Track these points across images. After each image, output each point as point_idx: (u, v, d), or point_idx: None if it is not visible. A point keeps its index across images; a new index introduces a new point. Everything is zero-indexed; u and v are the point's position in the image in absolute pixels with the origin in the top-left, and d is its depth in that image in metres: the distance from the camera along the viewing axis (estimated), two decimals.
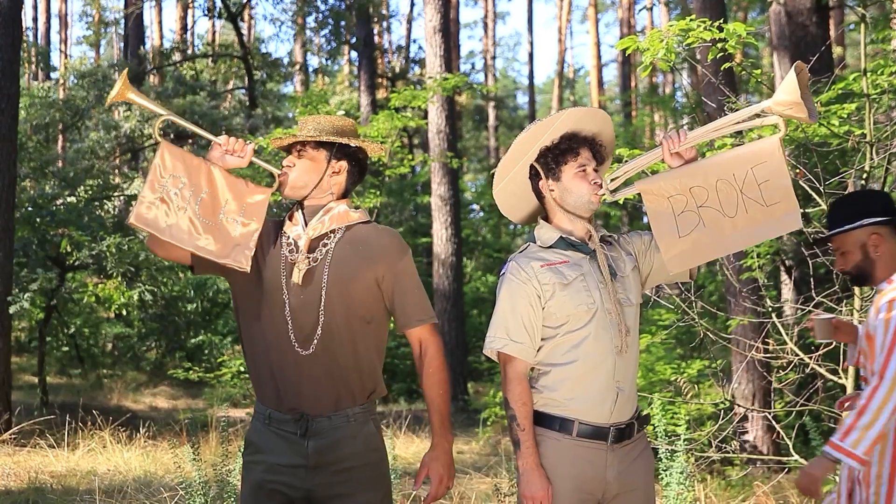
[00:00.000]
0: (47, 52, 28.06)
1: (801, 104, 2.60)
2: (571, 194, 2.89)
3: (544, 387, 2.84)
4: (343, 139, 2.85)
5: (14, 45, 9.14)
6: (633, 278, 2.95)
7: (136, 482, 6.75)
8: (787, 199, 2.72)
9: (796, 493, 6.33)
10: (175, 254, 2.86)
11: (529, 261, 2.87)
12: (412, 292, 2.86)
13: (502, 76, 41.44)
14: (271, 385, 2.80)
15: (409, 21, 28.98)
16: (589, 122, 2.94)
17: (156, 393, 14.11)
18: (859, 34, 4.36)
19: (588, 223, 2.92)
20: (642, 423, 2.95)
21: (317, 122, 2.89)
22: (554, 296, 2.82)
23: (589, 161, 2.91)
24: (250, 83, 19.42)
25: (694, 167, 2.82)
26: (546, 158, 2.92)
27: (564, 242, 2.90)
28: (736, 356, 8.00)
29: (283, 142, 2.92)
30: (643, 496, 2.89)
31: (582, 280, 2.83)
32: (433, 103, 12.03)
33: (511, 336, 2.83)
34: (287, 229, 2.88)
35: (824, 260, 4.42)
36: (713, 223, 2.80)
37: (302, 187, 2.88)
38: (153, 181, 2.78)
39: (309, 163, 2.88)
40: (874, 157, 4.19)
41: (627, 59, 26.87)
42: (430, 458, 2.84)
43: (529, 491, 2.78)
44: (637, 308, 2.94)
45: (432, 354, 2.87)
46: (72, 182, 13.91)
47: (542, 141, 2.93)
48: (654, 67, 4.61)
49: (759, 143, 2.78)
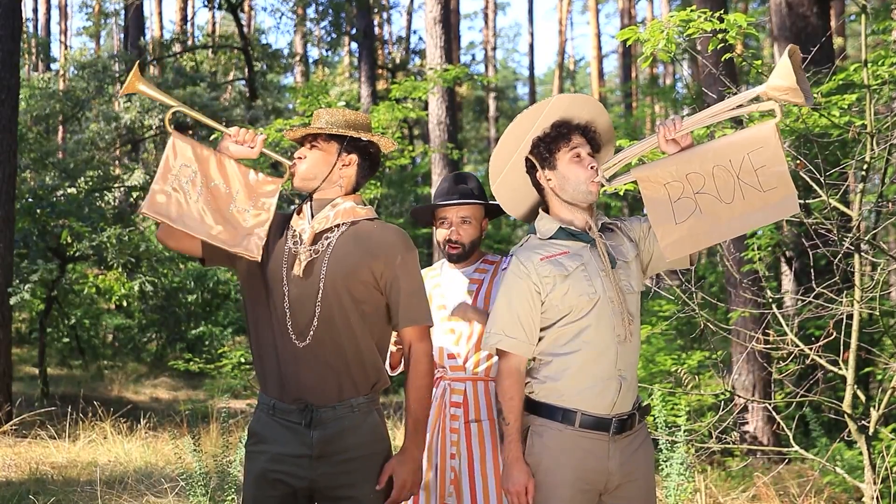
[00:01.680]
0: (47, 43, 28.03)
1: (797, 89, 2.59)
2: (569, 182, 2.87)
3: (547, 377, 2.84)
4: (354, 132, 2.85)
5: (14, 35, 9.12)
6: (635, 265, 2.94)
7: (137, 473, 6.76)
8: (784, 185, 2.70)
9: (796, 483, 6.35)
10: (186, 244, 2.87)
11: (529, 255, 2.87)
12: (408, 293, 2.84)
13: (503, 67, 41.37)
14: (276, 375, 2.81)
15: (410, 12, 28.94)
16: (579, 110, 2.92)
17: (156, 384, 14.12)
18: (860, 25, 4.34)
19: (588, 212, 2.91)
20: (643, 414, 2.95)
21: (330, 115, 2.89)
22: (555, 288, 2.82)
23: (583, 145, 2.89)
24: (250, 74, 19.40)
25: (690, 154, 2.81)
26: (539, 148, 2.91)
27: (564, 232, 2.89)
28: (736, 347, 8.00)
29: (296, 133, 2.91)
30: (644, 486, 2.89)
31: (583, 270, 2.83)
32: (433, 94, 12.00)
33: (506, 332, 2.84)
34: (294, 223, 2.90)
35: (825, 251, 4.41)
36: (710, 209, 2.79)
37: (312, 178, 2.88)
38: (164, 172, 2.79)
39: (320, 154, 2.88)
40: (875, 147, 4.18)
41: (628, 49, 26.82)
42: (398, 461, 2.81)
43: (510, 484, 2.80)
44: (639, 296, 2.94)
45: (417, 359, 2.85)
46: (72, 173, 13.91)
47: (532, 132, 2.92)
48: (654, 58, 4.60)
49: (755, 128, 2.76)
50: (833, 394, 5.76)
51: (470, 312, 3.39)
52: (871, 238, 4.52)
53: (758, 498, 5.95)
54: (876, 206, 4.92)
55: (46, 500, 5.77)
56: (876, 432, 4.70)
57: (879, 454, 4.98)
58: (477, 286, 3.45)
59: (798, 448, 4.56)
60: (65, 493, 6.12)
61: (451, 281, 3.52)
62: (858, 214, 4.30)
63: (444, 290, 3.52)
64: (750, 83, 14.07)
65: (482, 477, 3.30)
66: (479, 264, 3.51)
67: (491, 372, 3.38)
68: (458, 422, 3.36)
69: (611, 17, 59.21)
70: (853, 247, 4.25)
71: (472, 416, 3.36)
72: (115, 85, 17.17)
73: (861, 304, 4.21)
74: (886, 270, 4.37)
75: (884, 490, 4.59)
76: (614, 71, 37.96)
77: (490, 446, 3.34)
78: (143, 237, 12.29)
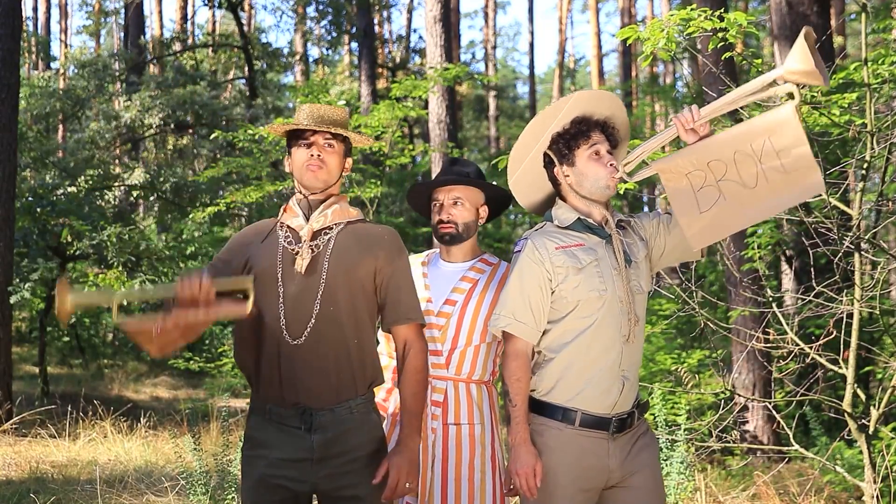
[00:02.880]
0: (47, 41, 28.05)
1: (815, 71, 2.56)
2: (587, 178, 2.87)
3: (550, 375, 2.84)
4: (357, 135, 2.87)
5: (14, 34, 9.11)
6: (644, 265, 2.94)
7: (137, 472, 6.76)
8: (809, 165, 2.66)
9: (796, 482, 6.35)
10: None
11: (545, 241, 2.85)
12: (406, 290, 2.85)
13: (503, 66, 41.35)
14: (274, 378, 2.77)
15: (410, 11, 28.92)
16: (598, 105, 2.92)
17: (156, 383, 14.13)
18: (860, 24, 4.34)
19: (605, 207, 2.91)
20: (642, 411, 2.95)
21: (324, 114, 2.86)
22: (567, 279, 2.81)
23: (602, 143, 2.89)
24: (251, 73, 19.38)
25: (709, 142, 2.78)
26: (558, 145, 2.91)
27: (581, 224, 2.89)
28: (736, 346, 8.00)
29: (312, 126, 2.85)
30: (651, 477, 2.88)
31: (596, 266, 2.83)
32: (434, 93, 11.99)
33: (516, 315, 2.83)
34: (286, 220, 2.88)
35: (825, 250, 4.41)
36: (734, 196, 2.75)
37: (332, 182, 2.87)
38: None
39: (337, 157, 2.88)
40: (875, 146, 4.17)
41: (628, 48, 26.82)
42: (394, 453, 2.80)
43: (518, 466, 2.79)
44: (646, 296, 2.93)
45: (414, 355, 2.85)
46: (72, 172, 13.92)
47: (552, 127, 2.92)
48: (654, 57, 4.59)
49: (774, 112, 2.72)
50: (833, 393, 5.76)
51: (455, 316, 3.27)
52: (872, 237, 4.52)
53: (758, 497, 5.94)
54: (876, 205, 4.92)
55: (46, 498, 5.76)
56: (876, 431, 4.70)
57: (879, 453, 4.98)
58: (470, 286, 3.28)
59: (798, 447, 4.56)
60: (65, 491, 6.12)
61: (441, 276, 3.37)
62: (859, 213, 4.30)
63: (430, 282, 3.36)
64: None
65: (455, 482, 3.18)
66: (476, 262, 3.35)
67: (474, 374, 3.26)
68: (437, 421, 3.23)
69: (611, 16, 59.30)
70: (853, 245, 4.25)
71: (452, 419, 3.22)
72: (116, 84, 17.18)
73: (861, 302, 4.21)
74: (887, 269, 4.36)
75: (884, 489, 4.59)
76: (614, 70, 37.93)
77: (467, 452, 3.21)
78: (143, 236, 12.29)
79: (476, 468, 3.18)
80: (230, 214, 15.78)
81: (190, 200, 15.14)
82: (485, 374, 3.27)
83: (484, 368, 3.27)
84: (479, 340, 3.23)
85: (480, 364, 3.25)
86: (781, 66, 2.66)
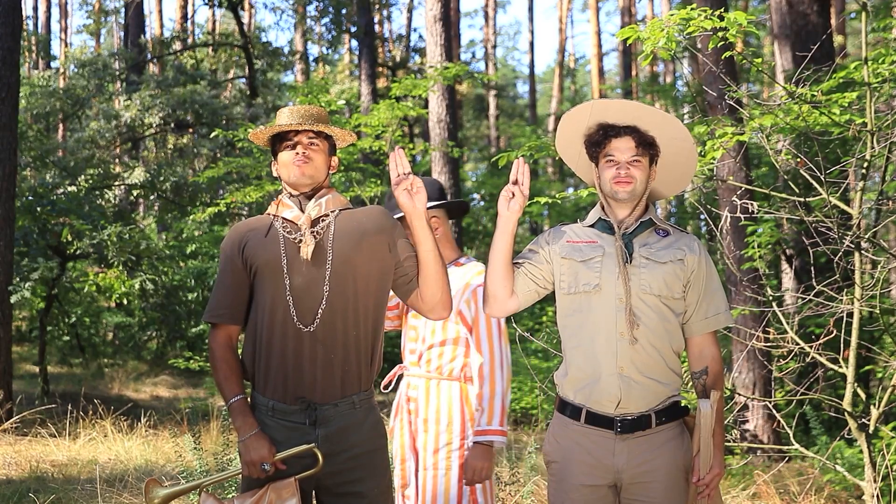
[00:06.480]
0: (47, 40, 28.07)
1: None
2: (605, 183, 2.92)
3: (562, 371, 2.95)
4: (333, 129, 2.94)
5: (14, 33, 9.11)
6: (661, 270, 2.85)
7: (138, 471, 6.76)
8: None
9: (796, 481, 6.34)
10: None
11: (562, 233, 2.99)
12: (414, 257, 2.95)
13: (503, 65, 41.35)
14: (279, 373, 2.79)
15: (410, 10, 28.95)
16: (617, 114, 2.89)
17: (157, 382, 14.12)
18: (860, 23, 4.34)
19: (628, 208, 2.92)
20: (671, 415, 2.88)
21: (305, 112, 2.92)
22: (566, 270, 2.91)
23: (620, 151, 2.88)
24: (251, 72, 19.39)
25: None
26: (588, 146, 2.98)
27: (602, 224, 2.96)
28: (736, 345, 8.00)
29: (296, 126, 2.90)
30: (663, 486, 2.82)
31: (598, 262, 2.87)
32: (434, 92, 11.99)
33: None
34: (280, 213, 2.91)
35: (825, 249, 4.41)
36: None
37: (320, 179, 2.93)
38: None
39: (323, 155, 2.94)
40: (875, 145, 4.17)
41: (628, 48, 26.82)
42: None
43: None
44: (658, 300, 2.84)
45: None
46: (72, 171, 13.93)
47: (582, 130, 2.98)
48: (654, 56, 4.60)
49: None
50: (833, 392, 5.76)
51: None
52: (872, 236, 4.52)
53: (758, 496, 5.95)
54: (876, 204, 4.93)
55: (47, 498, 5.77)
56: (876, 430, 4.70)
57: (880, 452, 4.97)
58: None
59: (798, 446, 4.56)
60: (65, 491, 6.12)
61: None
62: (859, 212, 4.30)
63: None
64: (750, 81, 14.04)
65: (422, 481, 3.47)
66: (451, 265, 3.55)
67: (442, 371, 3.50)
68: (413, 416, 3.54)
69: (611, 15, 59.28)
70: (853, 245, 4.25)
71: (423, 415, 3.50)
72: (116, 83, 17.17)
73: (861, 301, 4.21)
74: (887, 268, 4.36)
75: (884, 488, 4.59)
76: (614, 69, 37.94)
77: (430, 456, 3.47)
78: (144, 235, 12.29)
79: (441, 459, 3.45)
80: (230, 214, 15.77)
81: (190, 200, 15.14)
82: (454, 371, 3.51)
83: (452, 366, 3.52)
84: (446, 336, 3.51)
85: (447, 362, 3.51)
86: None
